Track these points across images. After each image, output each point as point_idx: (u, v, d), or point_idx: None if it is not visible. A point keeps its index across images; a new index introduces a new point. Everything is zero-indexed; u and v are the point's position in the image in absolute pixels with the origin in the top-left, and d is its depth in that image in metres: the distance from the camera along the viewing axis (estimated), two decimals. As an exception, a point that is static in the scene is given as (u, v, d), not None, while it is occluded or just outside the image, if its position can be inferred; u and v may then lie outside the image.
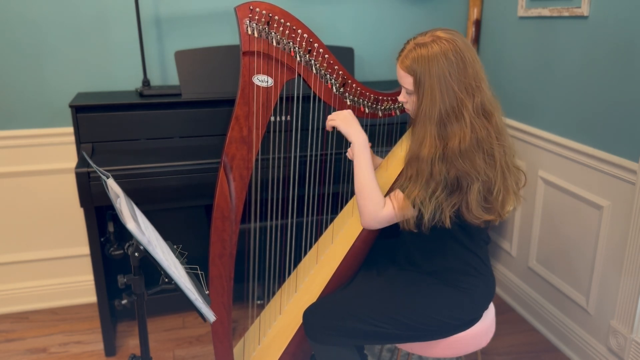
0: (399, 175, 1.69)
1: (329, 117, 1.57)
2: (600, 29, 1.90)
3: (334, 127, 1.57)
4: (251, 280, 2.05)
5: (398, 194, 1.45)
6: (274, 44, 1.52)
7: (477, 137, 1.37)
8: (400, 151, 1.78)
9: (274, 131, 1.89)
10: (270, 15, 1.48)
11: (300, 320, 1.65)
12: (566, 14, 2.03)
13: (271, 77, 1.55)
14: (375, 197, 1.48)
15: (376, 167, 1.84)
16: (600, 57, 1.91)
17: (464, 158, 1.36)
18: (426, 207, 1.39)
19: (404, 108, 1.74)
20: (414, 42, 1.41)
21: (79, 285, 2.57)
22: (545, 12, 2.14)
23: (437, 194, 1.39)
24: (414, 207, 1.41)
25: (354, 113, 1.69)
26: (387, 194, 1.67)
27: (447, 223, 1.41)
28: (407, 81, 1.43)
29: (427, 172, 1.39)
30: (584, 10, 1.94)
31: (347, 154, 1.77)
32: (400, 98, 1.51)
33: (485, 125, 1.39)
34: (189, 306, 1.29)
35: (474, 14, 2.59)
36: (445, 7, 2.63)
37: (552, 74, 2.16)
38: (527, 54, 2.31)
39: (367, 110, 1.69)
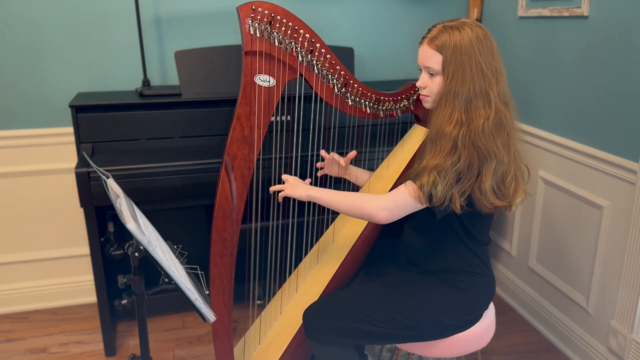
0: (400, 175, 1.70)
1: (281, 189, 1.60)
2: (600, 29, 1.90)
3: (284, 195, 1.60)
4: (252, 280, 2.05)
5: (409, 183, 1.45)
6: (276, 43, 1.52)
7: (499, 120, 1.40)
8: (401, 152, 1.78)
9: (276, 131, 1.88)
10: (272, 15, 1.48)
11: (300, 321, 1.65)
12: (566, 14, 2.03)
13: (273, 77, 1.55)
14: (361, 202, 1.49)
15: (359, 180, 1.84)
16: (600, 57, 1.92)
17: (487, 138, 1.38)
18: (437, 190, 1.37)
19: (405, 108, 1.74)
20: (443, 25, 1.43)
21: (79, 285, 2.56)
22: (545, 12, 2.14)
23: (448, 177, 1.37)
24: (422, 190, 1.39)
25: (355, 113, 1.69)
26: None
27: (457, 208, 1.39)
28: (434, 60, 1.43)
29: (448, 149, 1.38)
30: (584, 10, 1.94)
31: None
32: (420, 83, 1.50)
33: (505, 111, 1.42)
34: (189, 306, 1.29)
35: (474, 14, 2.59)
36: (445, 7, 2.63)
37: (552, 74, 2.16)
38: (527, 54, 2.31)
39: (368, 111, 1.69)
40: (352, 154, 1.76)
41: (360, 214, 1.50)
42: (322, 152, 1.79)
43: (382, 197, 1.47)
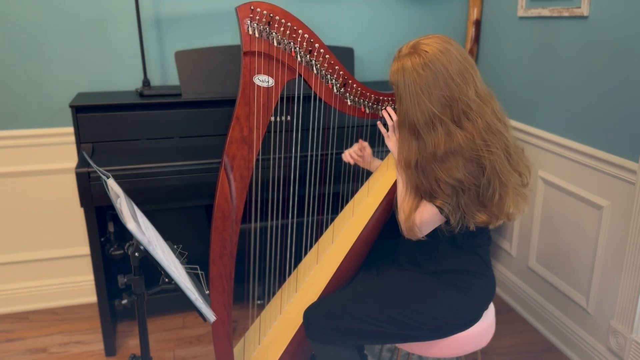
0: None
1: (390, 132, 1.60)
2: (600, 29, 1.90)
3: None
4: (251, 280, 2.05)
5: (425, 203, 1.47)
6: (275, 44, 1.52)
7: (457, 145, 1.37)
8: None
9: (275, 131, 1.89)
10: (271, 15, 1.48)
11: (300, 320, 1.65)
12: (566, 14, 2.03)
13: (272, 77, 1.55)
14: (403, 213, 1.51)
15: (375, 169, 1.85)
16: (600, 57, 1.92)
17: (440, 165, 1.38)
18: (450, 212, 1.41)
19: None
20: (398, 53, 1.44)
21: (79, 285, 2.57)
22: (545, 12, 2.14)
23: (460, 198, 1.40)
24: (441, 212, 1.43)
25: (355, 113, 1.69)
26: (387, 195, 1.68)
27: (472, 226, 1.42)
28: (394, 88, 1.47)
29: (432, 179, 1.40)
30: (584, 10, 1.94)
31: (342, 156, 1.77)
32: None
33: (470, 131, 1.38)
34: (189, 306, 1.30)
35: (474, 14, 2.59)
36: (445, 7, 2.63)
37: (552, 74, 2.16)
38: (527, 54, 2.31)
39: (367, 111, 1.69)
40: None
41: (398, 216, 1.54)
42: (347, 158, 1.80)
43: (416, 225, 1.48)
